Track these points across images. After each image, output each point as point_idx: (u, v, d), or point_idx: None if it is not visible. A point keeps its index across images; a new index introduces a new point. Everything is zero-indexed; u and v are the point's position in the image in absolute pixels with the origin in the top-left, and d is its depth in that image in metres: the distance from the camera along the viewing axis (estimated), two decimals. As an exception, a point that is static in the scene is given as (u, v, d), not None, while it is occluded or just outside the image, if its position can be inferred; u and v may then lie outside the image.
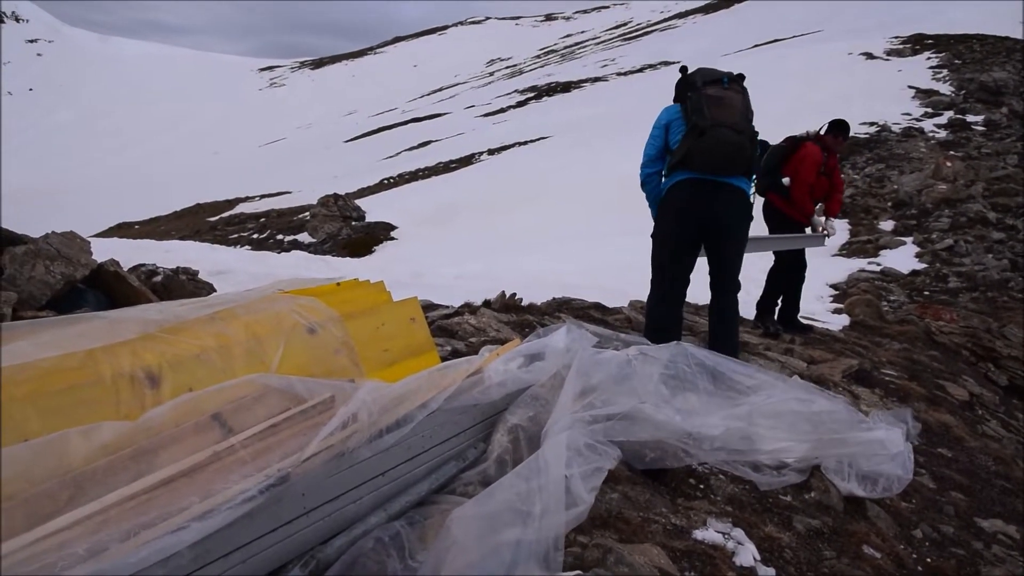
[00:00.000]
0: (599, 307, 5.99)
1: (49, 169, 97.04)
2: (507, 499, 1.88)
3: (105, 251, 4.96)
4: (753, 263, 5.32)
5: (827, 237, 5.79)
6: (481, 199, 18.69)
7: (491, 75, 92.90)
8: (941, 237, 11.36)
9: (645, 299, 4.35)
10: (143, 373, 1.96)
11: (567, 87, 49.69)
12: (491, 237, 15.53)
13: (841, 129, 5.76)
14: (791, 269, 5.89)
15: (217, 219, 26.00)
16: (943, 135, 17.33)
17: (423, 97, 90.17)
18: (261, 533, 1.62)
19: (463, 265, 10.71)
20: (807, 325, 6.19)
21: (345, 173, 33.61)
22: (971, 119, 18.17)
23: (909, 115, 18.97)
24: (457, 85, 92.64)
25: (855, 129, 17.47)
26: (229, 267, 8.06)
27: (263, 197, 29.46)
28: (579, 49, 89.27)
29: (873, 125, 18.18)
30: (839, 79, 23.67)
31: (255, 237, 20.91)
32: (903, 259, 10.74)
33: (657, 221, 4.02)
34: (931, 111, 19.22)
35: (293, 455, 1.74)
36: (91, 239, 4.40)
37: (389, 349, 2.69)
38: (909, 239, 11.65)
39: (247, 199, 30.13)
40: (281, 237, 20.20)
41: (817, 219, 5.73)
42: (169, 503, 1.54)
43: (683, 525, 2.24)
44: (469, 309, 5.07)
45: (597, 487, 2.10)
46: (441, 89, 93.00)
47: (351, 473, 1.87)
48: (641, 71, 48.81)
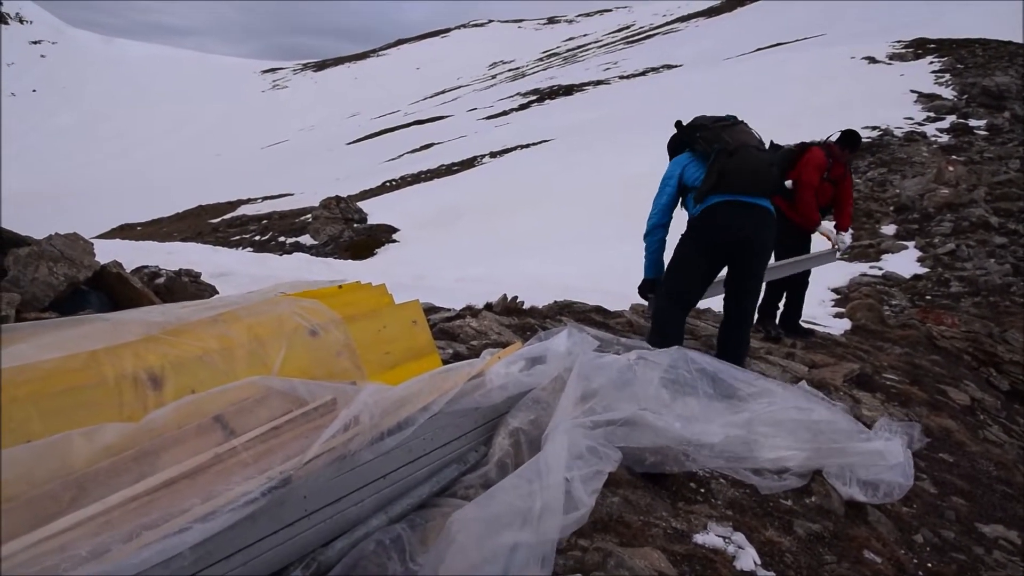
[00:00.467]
0: (600, 311, 5.99)
1: (52, 171, 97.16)
2: (507, 501, 1.88)
3: (107, 252, 4.96)
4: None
5: (839, 252, 5.74)
6: (483, 202, 18.68)
7: (493, 78, 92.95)
8: (943, 241, 11.33)
9: (646, 303, 4.35)
10: (146, 375, 1.97)
11: (569, 90, 49.67)
12: (493, 240, 15.52)
13: (848, 141, 5.75)
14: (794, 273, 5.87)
15: (219, 221, 26.00)
16: (945, 139, 17.32)
17: (425, 100, 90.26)
18: (263, 535, 1.62)
19: (465, 268, 10.72)
20: (808, 329, 6.18)
21: (347, 175, 33.63)
22: (973, 123, 18.16)
23: (911, 119, 18.96)
24: (459, 88, 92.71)
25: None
26: (231, 269, 8.07)
27: (265, 199, 29.45)
28: (581, 52, 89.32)
29: (875, 129, 18.16)
30: (841, 83, 23.67)
31: (257, 239, 20.91)
32: (905, 263, 10.73)
33: (685, 240, 3.94)
34: (933, 115, 19.21)
35: (295, 457, 1.74)
36: (93, 240, 4.40)
37: (391, 352, 2.69)
38: (911, 243, 11.63)
39: (249, 201, 30.11)
40: (283, 239, 20.20)
41: (826, 226, 5.69)
42: (171, 505, 1.54)
43: (684, 529, 2.24)
44: (470, 312, 5.07)
45: (598, 490, 2.10)
46: (443, 92, 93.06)
47: (353, 475, 1.88)
48: (643, 74, 48.79)
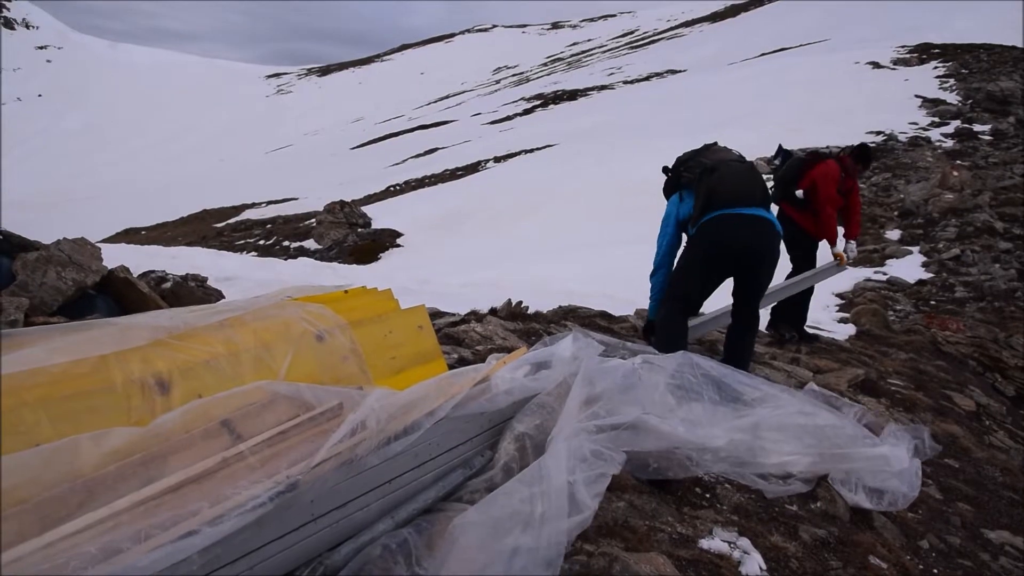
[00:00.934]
0: (605, 315, 5.99)
1: (58, 176, 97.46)
2: (510, 505, 1.89)
3: (113, 257, 4.99)
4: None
5: (847, 262, 5.79)
6: (487, 206, 18.70)
7: (497, 83, 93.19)
8: (948, 247, 11.29)
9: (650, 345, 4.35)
10: (153, 379, 1.97)
11: (573, 95, 49.74)
12: (497, 245, 15.54)
13: (861, 156, 5.90)
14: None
15: (223, 225, 26.09)
16: (950, 144, 17.31)
17: (430, 104, 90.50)
18: (269, 539, 1.63)
19: (469, 272, 10.71)
20: (813, 334, 6.17)
21: (351, 180, 33.68)
22: (978, 128, 18.16)
23: (916, 124, 18.96)
24: (464, 93, 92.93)
25: (862, 138, 17.48)
26: (236, 273, 8.07)
27: (269, 203, 29.54)
28: (586, 57, 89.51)
29: (880, 134, 18.17)
30: (846, 88, 23.70)
31: (261, 243, 20.96)
32: (909, 269, 10.70)
33: (687, 252, 4.01)
34: (938, 120, 19.22)
35: (302, 462, 1.75)
36: (99, 245, 4.43)
37: (397, 357, 2.70)
38: (915, 248, 11.60)
39: (253, 205, 30.20)
40: (287, 244, 20.25)
41: (841, 246, 5.73)
42: (179, 509, 1.55)
43: (689, 534, 2.24)
44: (476, 317, 5.08)
45: (601, 493, 2.10)
46: (448, 97, 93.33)
47: (359, 480, 1.88)
48: (648, 79, 48.82)
